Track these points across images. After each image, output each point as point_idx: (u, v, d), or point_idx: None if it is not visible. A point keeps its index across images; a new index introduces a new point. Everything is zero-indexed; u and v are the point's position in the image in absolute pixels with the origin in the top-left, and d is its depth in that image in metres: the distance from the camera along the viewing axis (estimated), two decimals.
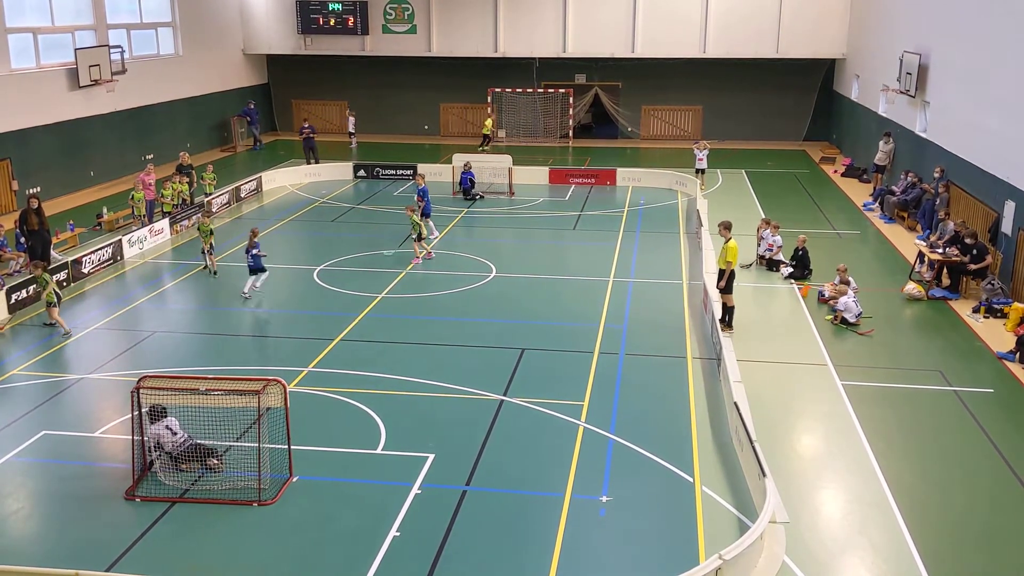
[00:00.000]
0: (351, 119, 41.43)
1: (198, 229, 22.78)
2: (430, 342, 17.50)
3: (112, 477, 12.42)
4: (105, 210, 27.04)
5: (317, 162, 35.01)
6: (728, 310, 17.26)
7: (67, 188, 30.87)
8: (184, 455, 12.41)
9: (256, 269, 20.40)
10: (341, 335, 17.76)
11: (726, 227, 17.44)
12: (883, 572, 10.34)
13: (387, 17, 41.84)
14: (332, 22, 41.85)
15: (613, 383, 15.44)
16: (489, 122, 41.16)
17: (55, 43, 30.60)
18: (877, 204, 28.33)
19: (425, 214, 24.98)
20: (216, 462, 12.44)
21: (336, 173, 34.21)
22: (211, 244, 21.95)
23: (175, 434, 12.43)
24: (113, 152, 33.27)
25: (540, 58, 41.78)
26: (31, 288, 19.72)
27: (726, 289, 17.05)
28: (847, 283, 18.80)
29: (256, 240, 20.36)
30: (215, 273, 21.87)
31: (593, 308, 19.34)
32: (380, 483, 12.22)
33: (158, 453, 12.35)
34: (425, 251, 23.26)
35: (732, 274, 16.94)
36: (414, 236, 23.02)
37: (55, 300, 18.09)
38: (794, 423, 14.13)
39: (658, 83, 42.40)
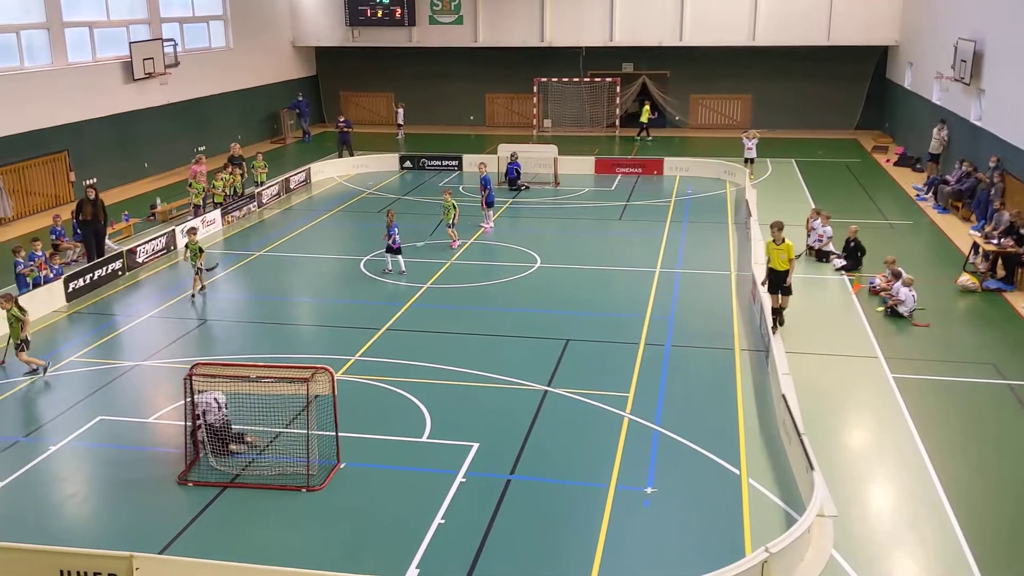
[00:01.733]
0: (400, 111, 41.68)
1: (186, 247, 20.48)
2: (475, 332, 17.58)
3: (165, 462, 12.70)
4: (159, 200, 27.53)
5: (351, 155, 35.15)
6: (782, 311, 16.53)
7: (122, 179, 31.51)
8: (222, 431, 12.72)
9: (396, 250, 21.24)
10: (387, 324, 17.92)
11: (780, 228, 16.33)
12: (933, 567, 10.20)
13: (434, 8, 41.96)
14: (380, 13, 42.09)
15: (659, 374, 15.38)
16: (646, 109, 40.19)
17: (110, 37, 31.21)
18: (930, 194, 27.79)
19: (488, 203, 25.30)
20: (251, 439, 12.89)
21: (382, 164, 34.44)
22: (201, 264, 19.84)
23: (220, 409, 12.69)
24: (166, 144, 33.85)
25: (587, 47, 41.61)
26: (87, 277, 20.21)
27: (788, 290, 16.29)
28: (898, 275, 18.48)
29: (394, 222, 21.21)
30: (202, 290, 20.02)
31: (639, 299, 19.27)
32: (425, 471, 12.33)
33: (200, 423, 12.59)
34: (454, 238, 23.44)
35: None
36: (448, 222, 23.23)
37: (24, 343, 15.79)
38: (843, 416, 13.97)
39: (707, 71, 41.99)
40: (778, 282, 16.25)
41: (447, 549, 10.55)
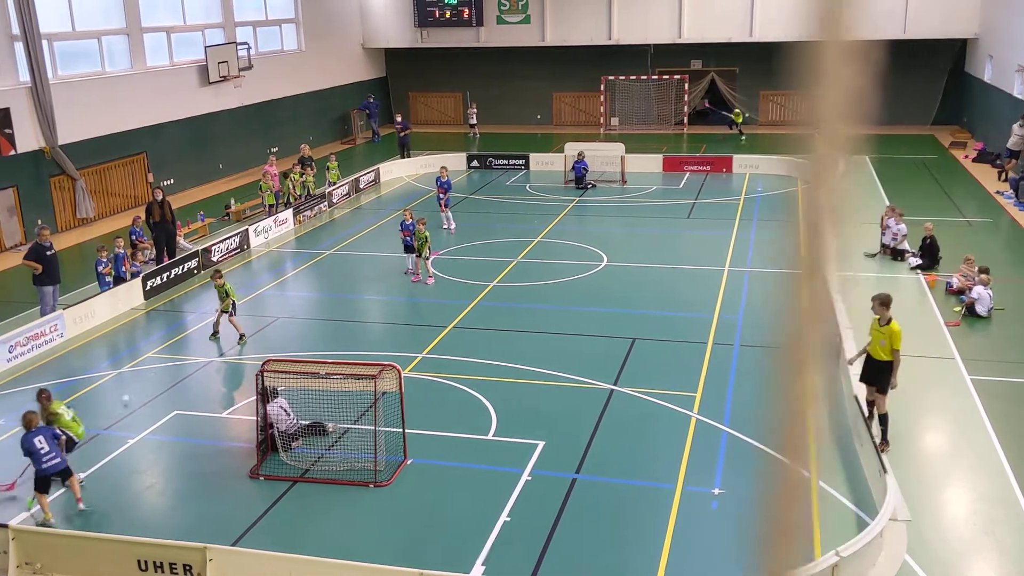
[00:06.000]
0: (473, 111, 41.89)
1: (216, 288, 17.78)
2: (541, 330, 17.60)
3: (238, 456, 12.99)
4: (233, 201, 28.15)
5: (408, 155, 35.07)
6: (884, 419, 12.57)
7: (197, 180, 32.30)
8: (297, 434, 13.01)
9: (409, 247, 21.01)
10: (454, 322, 18.04)
11: (884, 303, 12.56)
12: (1011, 574, 9.88)
13: (501, 8, 42.08)
14: (448, 15, 42.37)
15: (727, 374, 15.20)
16: (737, 112, 38.92)
17: (187, 41, 32.02)
18: (1013, 191, 26.89)
19: (447, 205, 25.27)
20: (332, 428, 13.16)
21: (450, 163, 34.52)
22: (233, 304, 17.58)
23: (288, 415, 12.95)
24: (240, 145, 34.57)
25: (654, 44, 41.29)
26: (163, 276, 20.75)
27: (885, 387, 12.53)
28: (982, 272, 17.84)
29: (409, 222, 20.94)
30: (242, 338, 17.50)
31: (707, 298, 19.06)
32: (491, 468, 12.39)
33: (272, 432, 12.85)
34: (428, 273, 20.82)
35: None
36: (425, 254, 20.58)
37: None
38: (918, 418, 13.62)
39: (777, 67, 41.24)
40: (874, 375, 12.67)
41: (512, 547, 10.59)
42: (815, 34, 1.82)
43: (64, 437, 12.07)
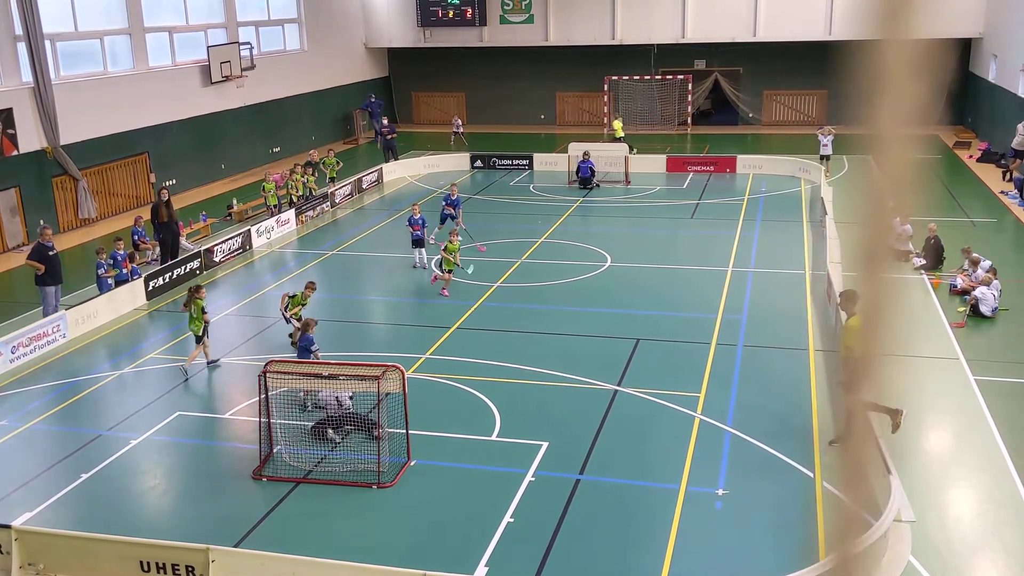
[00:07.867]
0: (456, 120, 40.80)
1: (184, 305, 16.34)
2: (545, 331, 17.56)
3: (240, 457, 12.97)
4: (235, 201, 28.13)
5: (396, 159, 34.63)
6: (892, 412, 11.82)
7: (200, 180, 32.28)
8: (336, 422, 13.13)
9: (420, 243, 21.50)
10: (457, 323, 18.01)
11: (850, 299, 12.10)
12: (1016, 575, 9.85)
13: (504, 7, 42.05)
14: (451, 14, 42.34)
15: (731, 375, 15.16)
16: (618, 125, 36.67)
17: (189, 41, 32.00)
18: (1018, 192, 26.82)
19: (442, 220, 23.99)
20: (379, 434, 12.83)
21: (453, 163, 34.63)
22: (206, 324, 16.05)
23: (341, 406, 13.03)
24: (242, 145, 34.56)
25: (658, 44, 41.23)
26: (166, 276, 20.76)
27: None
28: (976, 262, 17.77)
29: (417, 217, 21.34)
30: (213, 362, 16.31)
31: (711, 298, 19.02)
32: (494, 469, 12.36)
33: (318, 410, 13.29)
34: (444, 284, 19.92)
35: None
36: (458, 264, 20.07)
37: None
38: (922, 419, 13.56)
39: (781, 67, 41.21)
40: None
41: (516, 548, 10.56)
42: (879, 33, 1.75)
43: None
